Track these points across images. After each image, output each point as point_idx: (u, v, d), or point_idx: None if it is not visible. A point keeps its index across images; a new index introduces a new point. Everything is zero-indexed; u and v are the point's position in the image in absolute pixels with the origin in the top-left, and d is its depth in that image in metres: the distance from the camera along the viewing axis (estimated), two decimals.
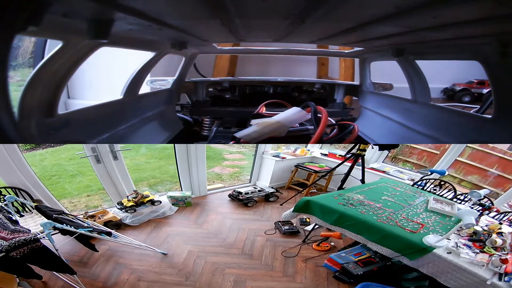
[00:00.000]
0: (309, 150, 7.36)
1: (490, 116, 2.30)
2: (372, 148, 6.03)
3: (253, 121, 2.87)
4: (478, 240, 2.87)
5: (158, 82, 4.04)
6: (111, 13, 1.75)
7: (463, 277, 2.53)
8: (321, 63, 6.31)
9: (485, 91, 6.63)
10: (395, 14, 1.65)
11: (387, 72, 3.93)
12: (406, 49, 3.04)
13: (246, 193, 6.02)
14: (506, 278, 2.37)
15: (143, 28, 2.15)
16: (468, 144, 5.93)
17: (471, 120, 2.58)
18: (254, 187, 6.32)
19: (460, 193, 4.70)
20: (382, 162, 6.78)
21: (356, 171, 4.97)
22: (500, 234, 2.93)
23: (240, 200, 5.99)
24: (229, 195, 6.26)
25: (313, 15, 1.81)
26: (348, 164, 5.13)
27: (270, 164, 6.84)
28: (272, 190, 6.35)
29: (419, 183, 5.18)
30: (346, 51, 4.08)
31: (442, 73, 6.28)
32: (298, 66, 5.47)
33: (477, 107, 3.29)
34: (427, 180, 5.14)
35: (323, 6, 1.60)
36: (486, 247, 2.75)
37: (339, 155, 6.85)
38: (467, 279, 2.51)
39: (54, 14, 1.52)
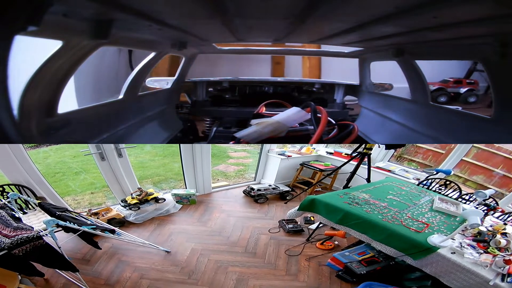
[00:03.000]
0: (314, 149, 7.33)
1: (489, 116, 2.29)
2: (379, 147, 6.01)
3: (253, 121, 2.87)
4: (482, 240, 2.84)
5: (158, 82, 4.05)
6: (111, 13, 1.76)
7: (466, 277, 2.52)
8: (275, 62, 6.16)
9: (462, 90, 6.64)
10: (395, 14, 1.64)
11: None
12: (406, 49, 3.02)
13: (259, 190, 6.06)
14: (508, 279, 2.35)
15: (143, 28, 2.15)
16: (473, 144, 5.87)
17: (471, 120, 2.57)
18: (269, 185, 6.37)
19: (465, 193, 4.67)
20: (388, 161, 6.75)
21: (362, 170, 4.94)
22: (504, 234, 2.90)
23: (251, 196, 6.06)
24: (244, 191, 6.34)
25: (313, 15, 1.81)
26: (353, 163, 5.10)
27: (276, 163, 6.82)
28: (287, 189, 6.34)
29: (424, 182, 5.15)
30: (346, 51, 4.07)
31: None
32: (251, 66, 5.38)
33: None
34: (433, 180, 5.11)
35: (323, 6, 1.60)
36: (490, 247, 2.72)
37: (345, 154, 6.82)
38: (470, 280, 2.50)
39: (54, 14, 1.52)
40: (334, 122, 3.17)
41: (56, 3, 1.43)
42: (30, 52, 1.73)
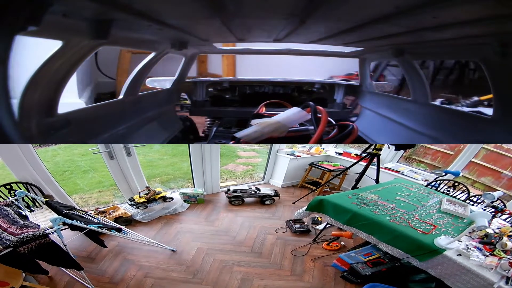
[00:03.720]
0: (323, 149, 7.31)
1: (490, 116, 2.27)
2: (388, 147, 5.97)
3: (253, 121, 2.86)
4: (489, 242, 2.81)
5: (158, 82, 4.07)
6: (111, 13, 1.76)
7: (471, 279, 2.49)
8: (200, 61, 6.73)
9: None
10: (395, 14, 1.63)
11: None
12: (406, 49, 3.01)
13: (234, 191, 5.82)
14: None
15: (143, 28, 2.16)
16: (476, 144, 5.81)
17: (471, 120, 2.55)
18: (250, 187, 6.01)
19: (473, 194, 4.63)
20: (397, 162, 6.70)
21: (370, 171, 4.92)
22: (511, 237, 2.87)
23: (228, 197, 5.87)
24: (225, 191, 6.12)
25: (313, 15, 1.80)
26: (362, 163, 5.08)
27: (284, 162, 6.81)
28: (270, 193, 5.98)
29: (432, 183, 5.11)
30: (346, 51, 4.05)
31: (318, 67, 6.92)
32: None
33: None
34: (441, 181, 5.07)
35: (323, 6, 1.59)
36: (496, 250, 2.69)
37: (354, 154, 6.81)
38: (474, 282, 2.47)
39: (54, 14, 1.53)
40: (334, 122, 3.16)
41: (56, 3, 1.43)
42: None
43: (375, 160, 4.89)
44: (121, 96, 3.03)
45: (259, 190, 5.96)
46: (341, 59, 6.97)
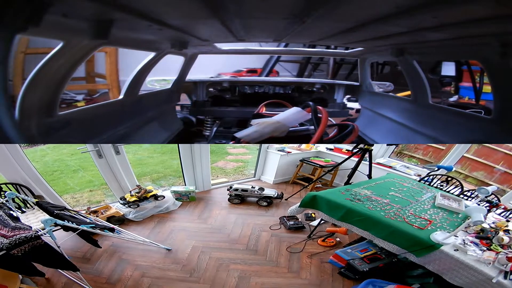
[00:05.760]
0: (314, 145, 7.32)
1: (489, 116, 2.29)
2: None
3: (253, 121, 2.86)
4: (485, 237, 2.84)
5: (158, 82, 4.05)
6: (111, 13, 1.74)
7: (469, 274, 2.51)
8: (88, 60, 6.86)
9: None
10: (395, 14, 1.63)
11: None
12: (406, 49, 3.02)
13: (235, 190, 5.68)
14: (511, 277, 2.34)
15: (143, 28, 2.14)
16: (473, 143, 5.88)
17: (471, 120, 2.57)
18: (253, 187, 5.74)
19: (466, 189, 4.67)
20: (388, 157, 6.74)
21: (362, 166, 4.93)
22: (507, 231, 2.90)
23: (229, 195, 5.78)
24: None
25: (313, 15, 1.80)
26: (354, 159, 5.09)
27: (275, 159, 6.81)
28: (271, 194, 5.67)
29: (425, 178, 5.14)
30: (346, 51, 4.06)
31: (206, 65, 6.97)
32: None
33: None
34: (434, 176, 5.11)
35: (323, 6, 1.59)
36: (493, 244, 2.72)
37: (345, 150, 6.83)
38: (472, 277, 2.49)
39: (54, 14, 1.51)
40: (334, 122, 3.16)
41: (56, 3, 1.41)
42: None
43: (367, 155, 4.91)
44: (121, 96, 3.01)
45: (262, 190, 5.73)
46: (228, 57, 7.24)
